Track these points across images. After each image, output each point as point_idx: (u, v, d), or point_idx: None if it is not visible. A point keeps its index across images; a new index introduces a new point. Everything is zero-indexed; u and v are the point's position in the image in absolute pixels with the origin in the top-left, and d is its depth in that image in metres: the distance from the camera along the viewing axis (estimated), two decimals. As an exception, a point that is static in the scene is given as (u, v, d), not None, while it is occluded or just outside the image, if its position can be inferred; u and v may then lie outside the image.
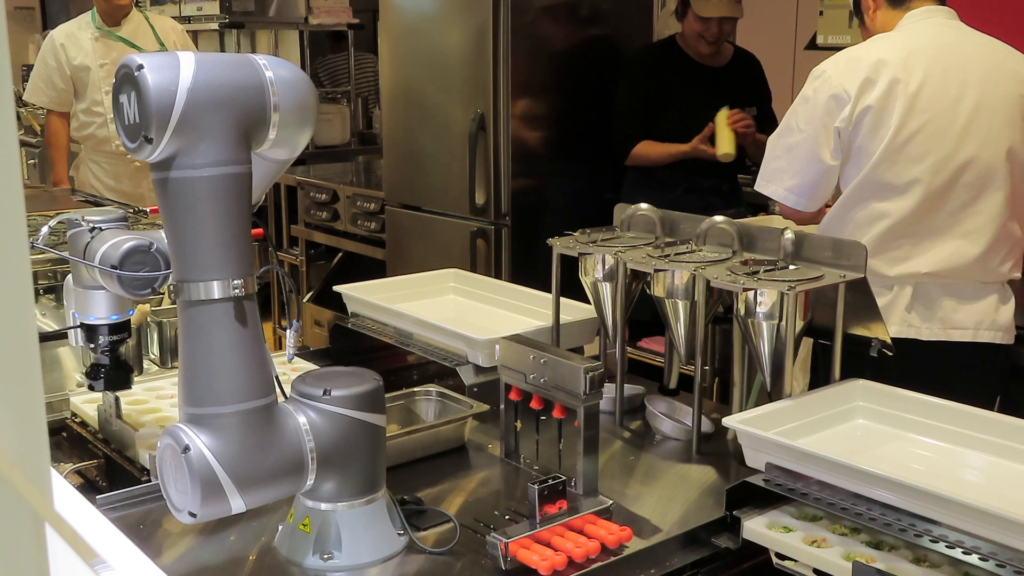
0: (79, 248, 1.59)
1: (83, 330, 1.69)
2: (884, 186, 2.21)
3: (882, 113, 2.18)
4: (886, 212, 2.21)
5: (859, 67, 2.21)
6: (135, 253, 1.50)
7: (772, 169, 2.33)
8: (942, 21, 2.29)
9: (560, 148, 4.06)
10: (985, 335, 2.24)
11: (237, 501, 1.28)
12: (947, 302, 2.22)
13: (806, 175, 2.27)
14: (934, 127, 2.18)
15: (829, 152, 2.23)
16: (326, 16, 5.97)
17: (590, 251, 1.94)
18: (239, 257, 1.29)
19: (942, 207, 2.20)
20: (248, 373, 1.30)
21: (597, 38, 4.14)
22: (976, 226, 2.21)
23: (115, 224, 1.61)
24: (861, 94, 2.19)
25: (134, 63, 1.22)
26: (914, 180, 2.19)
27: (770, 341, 1.69)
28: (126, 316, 1.70)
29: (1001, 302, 2.26)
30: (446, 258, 3.80)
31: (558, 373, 1.59)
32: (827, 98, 2.22)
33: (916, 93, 2.18)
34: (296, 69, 1.36)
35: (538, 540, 1.38)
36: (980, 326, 2.24)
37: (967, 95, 2.20)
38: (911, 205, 2.20)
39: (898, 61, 2.20)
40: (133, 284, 1.51)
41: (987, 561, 1.28)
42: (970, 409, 1.65)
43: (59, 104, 4.55)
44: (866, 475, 1.41)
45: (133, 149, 1.25)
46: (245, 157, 1.29)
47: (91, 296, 1.66)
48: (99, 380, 1.71)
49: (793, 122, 2.29)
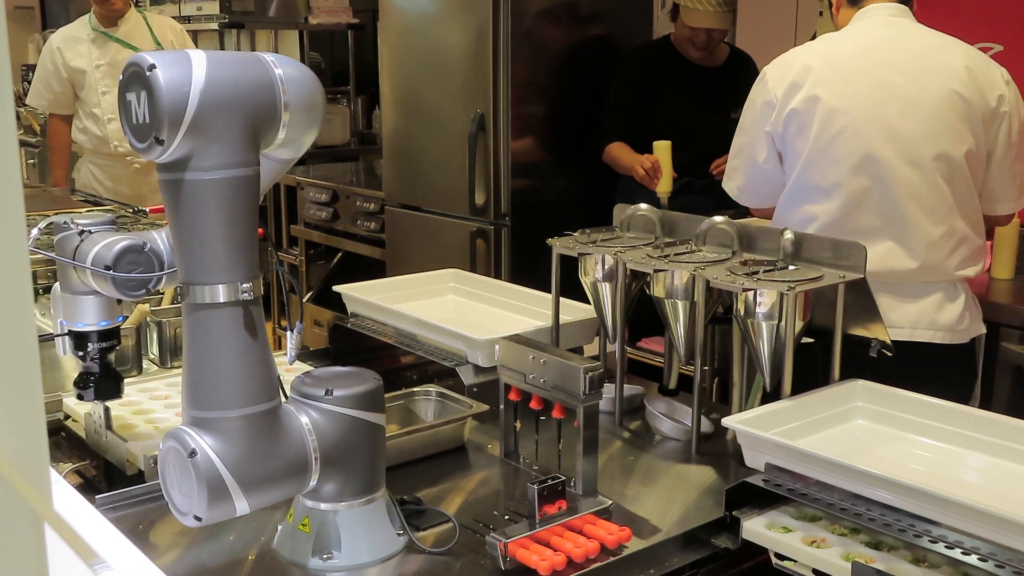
0: (68, 251, 1.53)
1: (72, 338, 1.63)
2: (811, 188, 2.24)
3: (805, 116, 2.21)
4: (815, 215, 2.24)
5: (788, 71, 2.26)
6: (129, 253, 1.47)
7: (730, 167, 2.43)
8: (885, 19, 2.29)
9: (560, 148, 4.06)
10: (923, 335, 2.21)
11: (242, 504, 1.27)
12: (884, 300, 2.19)
13: (749, 176, 2.37)
14: (855, 129, 2.19)
15: (764, 155, 2.30)
16: (326, 16, 5.97)
17: (590, 251, 1.94)
18: (246, 261, 1.27)
19: (868, 208, 2.20)
20: (254, 377, 1.29)
21: (597, 38, 4.15)
22: (907, 227, 2.19)
23: (104, 227, 1.56)
24: (787, 98, 2.24)
25: (145, 62, 1.19)
26: (836, 182, 2.21)
27: (770, 341, 1.69)
28: (116, 323, 1.65)
29: (947, 301, 2.23)
30: (446, 258, 3.80)
31: (558, 373, 1.59)
32: (762, 103, 2.29)
33: (839, 95, 2.20)
34: (304, 67, 1.34)
35: (537, 540, 1.38)
36: (917, 325, 2.21)
37: (892, 96, 2.19)
38: (836, 207, 2.21)
39: (824, 63, 2.23)
40: (127, 285, 1.47)
41: (986, 561, 1.28)
42: (969, 410, 1.65)
43: (59, 107, 4.57)
44: (865, 475, 1.41)
45: (142, 150, 1.22)
46: (254, 159, 1.27)
47: (80, 302, 1.60)
48: (88, 389, 1.67)
49: (742, 123, 2.37)
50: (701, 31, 3.63)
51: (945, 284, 2.24)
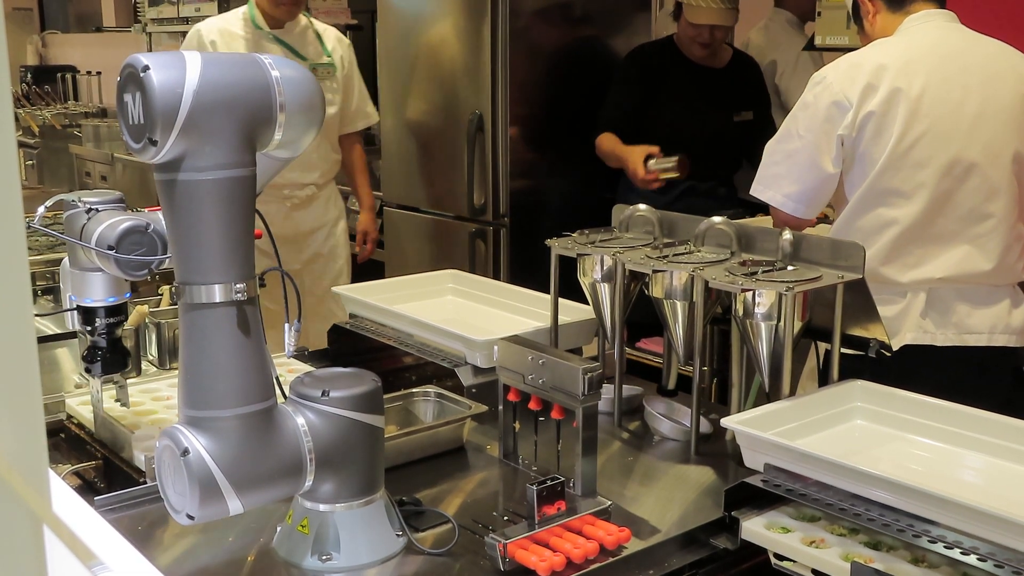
0: (75, 229, 1.58)
1: (80, 313, 1.68)
2: (890, 192, 2.19)
3: (885, 119, 2.16)
4: (894, 219, 2.19)
5: (860, 73, 2.19)
6: (132, 233, 1.50)
7: (771, 175, 2.30)
8: (942, 24, 2.28)
9: (558, 149, 4.06)
10: (1000, 339, 2.22)
11: (235, 503, 1.28)
12: (961, 307, 2.20)
13: (806, 182, 2.25)
14: (937, 132, 2.16)
15: (830, 160, 2.21)
16: (325, 16, 5.96)
17: (588, 252, 1.94)
18: (242, 261, 1.28)
19: (950, 212, 2.19)
20: (248, 377, 1.29)
21: (595, 39, 4.15)
22: (985, 230, 2.19)
23: (111, 205, 1.60)
24: (863, 100, 2.17)
25: (140, 63, 1.20)
26: (919, 185, 2.17)
27: (768, 342, 1.69)
28: (123, 298, 1.69)
29: (1013, 305, 2.25)
30: (444, 259, 3.81)
31: (556, 374, 1.59)
32: (828, 104, 2.20)
33: (918, 98, 2.16)
34: (301, 68, 1.34)
35: (536, 541, 1.38)
36: (995, 330, 2.22)
37: (969, 99, 2.18)
38: (918, 211, 2.17)
39: (899, 66, 2.18)
40: (129, 265, 1.51)
41: (985, 562, 1.28)
42: (968, 410, 1.65)
43: None
44: (864, 476, 1.41)
45: (137, 151, 1.23)
46: (250, 159, 1.28)
47: (88, 278, 1.65)
48: (96, 363, 1.70)
49: (793, 128, 2.26)
50: (705, 29, 3.62)
51: (1011, 287, 2.26)
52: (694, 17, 3.59)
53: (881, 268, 2.17)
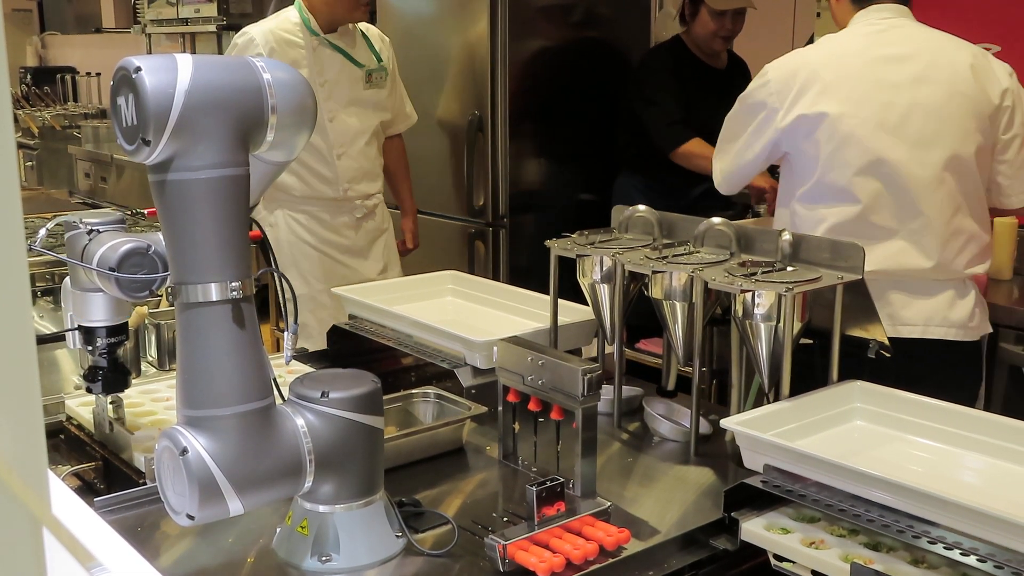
0: (77, 250, 1.59)
1: (81, 332, 1.69)
2: (823, 190, 2.25)
3: (815, 121, 2.22)
4: (825, 216, 2.25)
5: (795, 74, 2.27)
6: (133, 255, 1.50)
7: (719, 149, 2.48)
8: (889, 21, 2.31)
9: (558, 150, 4.07)
10: (935, 331, 2.23)
11: (235, 503, 1.28)
12: (896, 297, 2.22)
13: (732, 164, 2.42)
14: (862, 133, 2.20)
15: (754, 153, 2.34)
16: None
17: (588, 253, 1.94)
18: (237, 259, 1.29)
19: (881, 209, 2.22)
20: (246, 375, 1.30)
21: (594, 40, 4.15)
22: (919, 226, 2.21)
23: (113, 226, 1.62)
24: (794, 103, 2.25)
25: (132, 65, 1.22)
26: (848, 184, 2.22)
27: (768, 343, 1.69)
28: (124, 319, 1.70)
29: (958, 298, 2.26)
30: (444, 260, 3.80)
31: (556, 375, 1.59)
32: (762, 102, 2.30)
33: (844, 99, 2.21)
34: (294, 71, 1.36)
35: (536, 542, 1.38)
36: (930, 322, 2.23)
37: (900, 98, 2.21)
38: (850, 208, 2.23)
39: (832, 66, 2.25)
40: (131, 286, 1.51)
41: (985, 562, 1.28)
42: (968, 410, 1.65)
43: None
44: (864, 476, 1.41)
45: (131, 152, 1.25)
46: (243, 159, 1.29)
47: (89, 299, 1.66)
48: (97, 383, 1.71)
49: (740, 115, 2.40)
50: (727, 19, 3.63)
51: (956, 282, 2.27)
52: (717, 3, 3.59)
53: None
